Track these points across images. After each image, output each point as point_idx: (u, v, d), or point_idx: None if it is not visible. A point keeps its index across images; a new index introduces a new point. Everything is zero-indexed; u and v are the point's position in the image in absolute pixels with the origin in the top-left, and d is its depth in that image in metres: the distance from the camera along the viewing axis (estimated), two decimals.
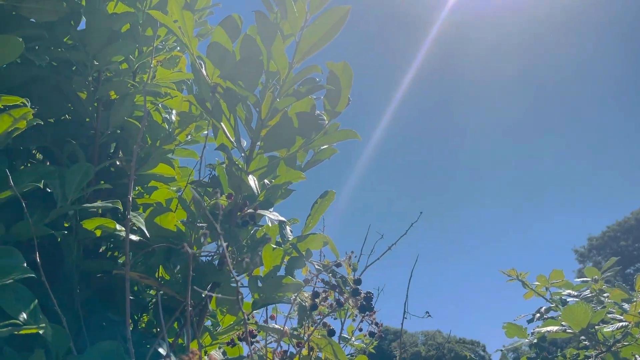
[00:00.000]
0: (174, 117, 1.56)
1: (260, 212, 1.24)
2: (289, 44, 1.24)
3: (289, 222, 1.41)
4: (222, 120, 1.26)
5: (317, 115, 1.26)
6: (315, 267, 1.25)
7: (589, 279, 2.36)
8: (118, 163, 1.48)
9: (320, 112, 1.30)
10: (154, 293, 1.44)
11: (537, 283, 2.44)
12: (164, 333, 0.93)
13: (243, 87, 1.22)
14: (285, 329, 1.10)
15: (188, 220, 1.24)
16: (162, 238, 1.20)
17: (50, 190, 1.10)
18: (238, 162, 1.27)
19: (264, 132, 1.26)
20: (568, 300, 2.27)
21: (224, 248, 0.65)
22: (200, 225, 1.15)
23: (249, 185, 1.19)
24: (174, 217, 1.21)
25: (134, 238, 1.20)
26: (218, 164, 1.32)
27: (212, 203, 1.16)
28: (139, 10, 1.42)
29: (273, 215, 1.27)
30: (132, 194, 1.09)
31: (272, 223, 1.40)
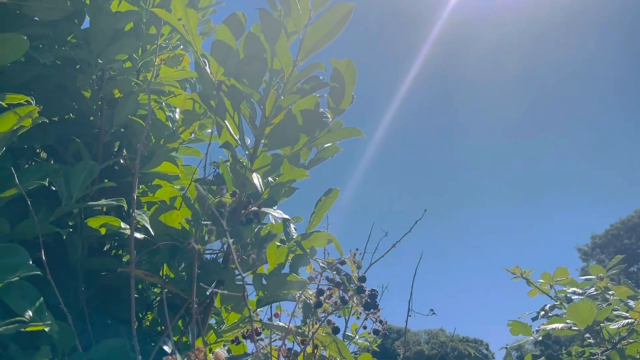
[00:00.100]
0: (178, 115, 1.56)
1: (264, 210, 1.24)
2: (293, 42, 1.24)
3: (293, 220, 1.41)
4: (226, 118, 1.26)
5: (321, 113, 1.25)
6: (320, 264, 1.25)
7: (594, 277, 2.35)
8: (122, 161, 1.48)
9: (324, 109, 1.29)
10: (158, 291, 1.44)
11: (541, 281, 2.43)
12: (169, 331, 0.93)
13: (247, 84, 1.22)
14: (291, 327, 1.10)
15: (192, 218, 1.24)
16: (166, 236, 1.20)
17: (55, 189, 1.11)
18: (242, 160, 1.27)
19: (268, 129, 1.26)
20: (573, 298, 2.26)
21: (230, 245, 0.65)
22: (205, 223, 1.15)
23: (253, 183, 1.19)
24: (179, 215, 1.21)
25: (139, 236, 1.20)
26: (222, 162, 1.32)
27: (217, 200, 1.16)
28: (143, 9, 1.43)
29: (277, 213, 1.27)
30: (136, 192, 1.09)
31: (276, 221, 1.40)
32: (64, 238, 1.18)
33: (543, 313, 2.42)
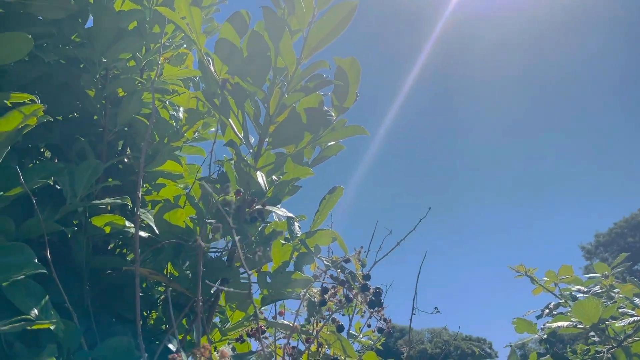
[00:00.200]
0: (182, 114, 1.57)
1: (269, 208, 1.24)
2: (297, 40, 1.23)
3: (297, 218, 1.41)
4: (230, 117, 1.26)
5: (325, 111, 1.25)
6: (324, 263, 1.25)
7: (599, 275, 2.34)
8: (126, 160, 1.48)
9: (328, 108, 1.29)
10: (163, 290, 1.44)
11: (545, 279, 2.42)
12: (175, 329, 0.93)
13: (251, 83, 1.21)
14: (296, 325, 1.10)
15: (197, 217, 1.24)
16: (171, 234, 1.20)
17: (60, 187, 1.11)
18: (246, 158, 1.27)
19: (272, 128, 1.26)
20: (578, 296, 2.25)
21: (236, 242, 0.65)
22: (209, 222, 1.15)
23: (257, 182, 1.19)
24: (183, 213, 1.21)
25: (143, 234, 1.20)
26: (226, 161, 1.32)
27: (221, 198, 1.16)
28: (146, 8, 1.43)
29: (281, 212, 1.26)
30: (140, 191, 1.09)
31: (280, 219, 1.40)
32: (69, 237, 1.18)
33: (547, 311, 2.42)
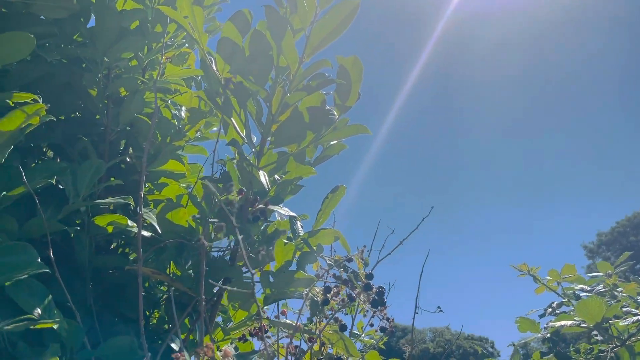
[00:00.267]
0: (184, 113, 1.57)
1: (271, 207, 1.24)
2: (299, 39, 1.23)
3: (299, 218, 1.41)
4: (232, 116, 1.26)
5: (327, 110, 1.25)
6: (327, 262, 1.25)
7: (602, 274, 2.34)
8: (128, 160, 1.48)
9: (331, 107, 1.29)
10: (165, 289, 1.44)
11: (548, 278, 2.41)
12: (177, 328, 0.93)
13: (253, 82, 1.21)
14: (299, 324, 1.10)
15: (199, 216, 1.24)
16: (173, 234, 1.20)
17: (62, 187, 1.11)
18: (249, 157, 1.27)
19: (275, 127, 1.26)
20: (581, 295, 2.25)
21: (240, 240, 0.65)
22: (212, 221, 1.14)
23: (260, 181, 1.19)
24: (186, 212, 1.21)
25: (146, 234, 1.20)
26: (228, 160, 1.32)
27: (224, 197, 1.16)
28: (148, 7, 1.42)
29: (284, 211, 1.26)
30: (143, 190, 1.09)
31: (282, 218, 1.39)
32: (72, 236, 1.18)
33: (550, 310, 2.41)
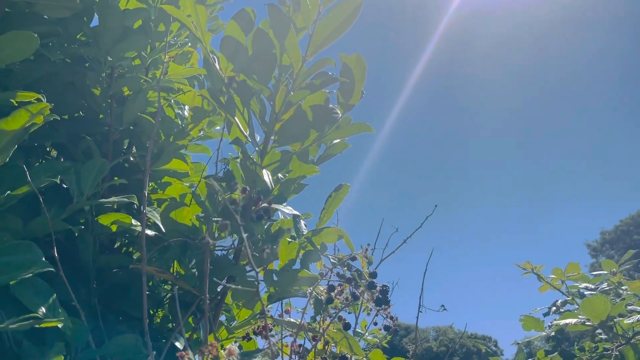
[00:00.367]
0: (187, 112, 1.57)
1: (275, 206, 1.24)
2: (302, 37, 1.23)
3: (303, 216, 1.41)
4: (235, 115, 1.26)
5: (331, 109, 1.25)
6: (331, 260, 1.25)
7: (606, 272, 2.33)
8: (132, 159, 1.49)
9: (334, 105, 1.29)
10: (169, 288, 1.44)
11: (552, 276, 2.41)
12: (182, 327, 0.93)
13: (256, 80, 1.21)
14: (303, 323, 1.10)
15: (203, 215, 1.24)
16: (177, 233, 1.21)
17: (66, 186, 1.11)
18: (252, 156, 1.27)
19: (278, 126, 1.26)
20: (585, 294, 2.25)
21: (245, 239, 0.65)
22: (216, 220, 1.15)
23: (263, 180, 1.19)
24: (189, 211, 1.21)
25: (150, 233, 1.20)
26: (232, 159, 1.32)
27: (229, 195, 1.16)
28: (151, 6, 1.43)
29: (287, 210, 1.26)
30: (147, 189, 1.10)
31: (286, 217, 1.39)
32: (76, 235, 1.18)
33: (555, 309, 2.41)
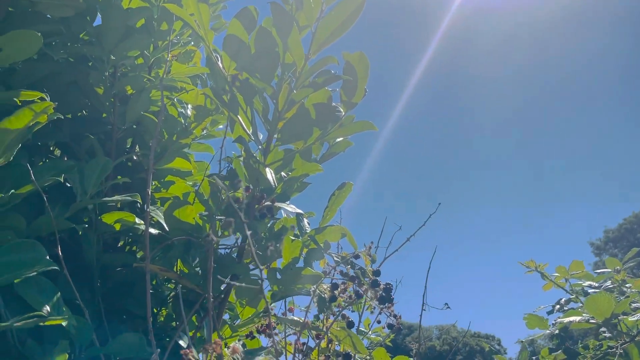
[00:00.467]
0: (190, 111, 1.57)
1: (278, 204, 1.24)
2: (305, 36, 1.23)
3: (306, 215, 1.41)
4: (238, 113, 1.26)
5: (334, 107, 1.25)
6: (334, 259, 1.25)
7: (610, 270, 2.33)
8: (135, 158, 1.49)
9: (337, 103, 1.29)
10: (173, 287, 1.44)
11: (556, 274, 2.40)
12: (185, 325, 0.93)
13: (259, 79, 1.21)
14: (306, 321, 1.10)
15: (207, 213, 1.24)
16: (181, 231, 1.21)
17: (70, 185, 1.11)
18: (255, 155, 1.27)
19: (281, 124, 1.26)
20: (589, 292, 2.24)
21: (248, 236, 0.65)
22: (219, 218, 1.15)
23: (267, 178, 1.19)
24: (193, 210, 1.21)
25: (153, 231, 1.20)
26: (235, 157, 1.32)
27: (232, 194, 1.16)
28: (154, 5, 1.43)
29: (290, 208, 1.26)
30: (150, 188, 1.10)
31: (289, 216, 1.40)
32: (79, 234, 1.18)
33: (559, 307, 2.41)
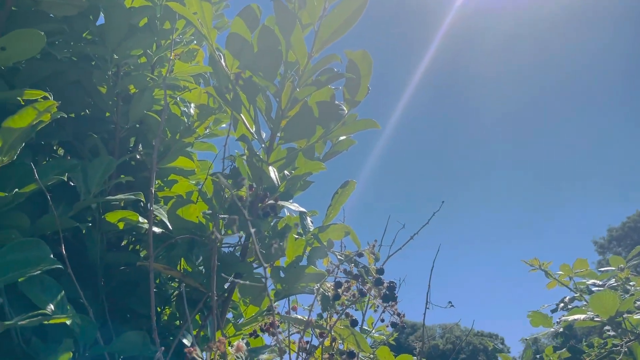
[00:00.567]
0: (193, 110, 1.57)
1: (281, 203, 1.24)
2: (308, 34, 1.23)
3: (309, 213, 1.40)
4: (241, 112, 1.26)
5: (337, 105, 1.24)
6: (337, 257, 1.24)
7: (614, 268, 2.32)
8: (138, 157, 1.49)
9: (340, 102, 1.29)
10: (176, 285, 1.44)
11: (560, 273, 2.40)
12: (189, 324, 0.93)
13: (262, 77, 1.21)
14: (310, 319, 1.10)
15: (210, 212, 1.24)
16: (184, 230, 1.21)
17: (73, 184, 1.11)
18: (258, 153, 1.27)
19: (284, 122, 1.26)
20: (593, 290, 2.24)
21: (252, 234, 0.65)
22: (223, 217, 1.15)
23: (270, 177, 1.19)
24: (196, 208, 1.21)
25: (157, 230, 1.20)
26: (238, 156, 1.32)
27: (235, 192, 1.16)
28: (157, 4, 1.43)
29: (293, 207, 1.26)
30: (153, 187, 1.10)
31: (292, 214, 1.39)
32: (83, 233, 1.18)
33: (563, 305, 2.40)
